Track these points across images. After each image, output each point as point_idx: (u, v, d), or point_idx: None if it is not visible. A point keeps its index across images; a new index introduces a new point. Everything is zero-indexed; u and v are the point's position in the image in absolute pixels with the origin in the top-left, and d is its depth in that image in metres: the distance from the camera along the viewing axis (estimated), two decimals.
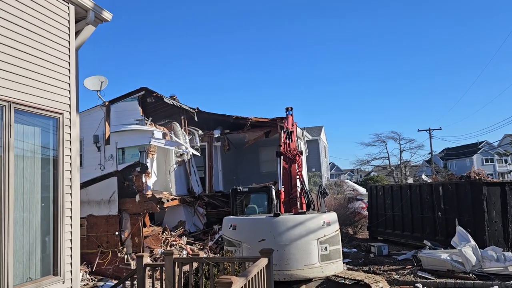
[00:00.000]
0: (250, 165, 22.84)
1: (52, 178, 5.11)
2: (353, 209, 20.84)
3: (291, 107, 14.51)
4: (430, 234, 14.61)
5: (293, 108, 14.50)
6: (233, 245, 8.94)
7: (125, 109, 15.07)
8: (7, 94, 4.46)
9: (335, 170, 62.47)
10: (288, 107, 14.50)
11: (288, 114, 14.25)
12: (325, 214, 9.31)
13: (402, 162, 40.88)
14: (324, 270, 8.79)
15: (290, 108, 14.52)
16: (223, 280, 3.60)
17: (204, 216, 17.48)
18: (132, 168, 14.32)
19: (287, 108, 14.58)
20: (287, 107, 14.51)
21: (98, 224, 14.20)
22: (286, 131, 12.62)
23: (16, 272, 4.44)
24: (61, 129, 5.22)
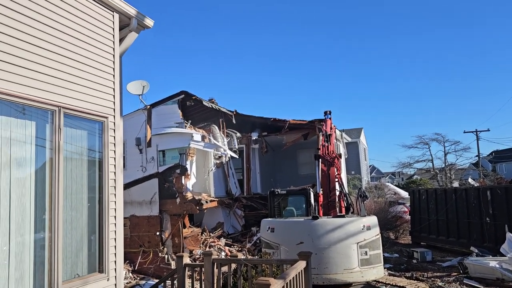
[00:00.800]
0: (288, 167, 22.77)
1: (97, 179, 5.32)
2: (395, 213, 20.26)
3: (329, 110, 14.42)
4: (477, 241, 13.95)
5: (331, 111, 14.42)
6: (271, 247, 8.94)
7: (166, 112, 15.46)
8: (57, 99, 4.70)
9: (376, 173, 61.00)
10: (327, 110, 14.41)
11: (327, 118, 14.18)
12: (365, 218, 9.13)
13: (446, 165, 39.29)
14: (364, 275, 8.61)
15: (328, 112, 14.42)
16: (261, 281, 3.61)
17: (242, 218, 17.59)
18: (172, 170, 14.65)
19: (326, 112, 14.47)
20: (325, 110, 14.43)
21: (140, 224, 14.63)
22: (325, 134, 12.53)
23: (65, 268, 4.66)
24: (106, 132, 5.43)
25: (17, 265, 4.17)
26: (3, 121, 4.16)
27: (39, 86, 4.48)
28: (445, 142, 39.58)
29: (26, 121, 4.47)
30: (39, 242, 4.44)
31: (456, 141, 40.37)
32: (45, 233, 4.49)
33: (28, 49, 4.41)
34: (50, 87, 4.62)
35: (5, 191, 4.13)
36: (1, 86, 4.07)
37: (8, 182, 4.18)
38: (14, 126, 4.33)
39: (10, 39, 4.21)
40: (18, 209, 4.25)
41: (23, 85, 4.30)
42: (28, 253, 4.31)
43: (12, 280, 4.10)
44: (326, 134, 12.51)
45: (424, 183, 35.10)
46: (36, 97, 4.44)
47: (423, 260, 14.09)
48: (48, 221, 4.51)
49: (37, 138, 4.58)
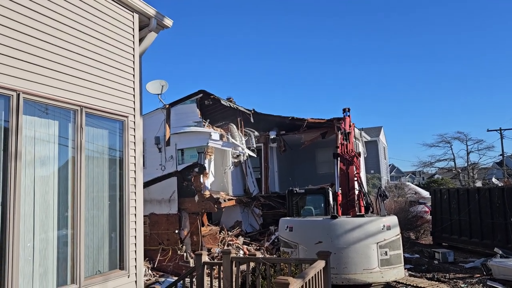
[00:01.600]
0: (306, 166, 22.67)
1: (118, 177, 5.40)
2: (415, 213, 19.93)
3: (348, 108, 14.18)
4: (501, 241, 13.61)
5: (350, 109, 14.17)
6: (290, 246, 8.92)
7: (184, 111, 15.59)
8: (79, 99, 4.79)
9: (396, 172, 60.12)
10: (346, 108, 14.18)
11: (346, 115, 13.96)
12: (385, 218, 9.01)
13: (469, 164, 38.43)
14: (384, 275, 8.51)
15: (347, 109, 14.19)
16: (280, 280, 3.60)
17: (260, 216, 17.60)
18: (190, 168, 14.76)
19: (345, 109, 14.24)
20: (344, 108, 14.21)
21: (159, 222, 14.80)
22: (343, 132, 12.36)
23: (87, 265, 4.75)
24: (126, 132, 5.50)
25: (41, 261, 4.27)
26: (27, 120, 4.26)
27: (62, 86, 4.57)
28: (468, 140, 38.70)
29: (50, 121, 4.57)
30: (62, 239, 4.54)
31: (479, 140, 39.42)
32: (68, 230, 4.58)
33: (50, 49, 4.50)
34: (72, 87, 4.71)
35: (29, 189, 4.23)
36: (25, 86, 4.17)
37: (33, 180, 4.28)
38: (38, 125, 4.43)
39: (32, 40, 4.31)
40: (41, 206, 4.34)
41: (46, 85, 4.39)
42: (51, 250, 4.41)
43: (37, 276, 4.20)
44: (345, 132, 12.31)
45: (445, 183, 34.43)
46: (59, 97, 4.53)
47: (444, 261, 13.83)
48: (70, 218, 4.60)
49: (59, 137, 4.68)
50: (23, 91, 4.14)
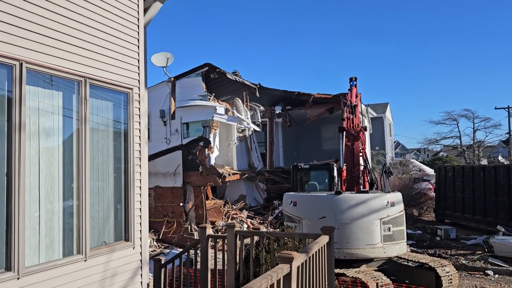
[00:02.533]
0: (311, 142, 22.61)
1: (123, 150, 5.39)
2: (419, 190, 19.98)
3: (355, 77, 13.42)
4: (504, 219, 13.66)
5: (357, 78, 13.42)
6: (293, 221, 8.97)
7: (190, 85, 15.46)
8: (83, 70, 4.72)
9: (400, 149, 59.96)
10: (352, 77, 13.40)
11: (352, 85, 13.27)
12: (389, 194, 9.01)
13: (475, 142, 38.18)
14: (386, 251, 8.57)
15: (354, 78, 13.43)
16: (284, 255, 3.61)
17: (264, 191, 17.72)
18: (195, 142, 14.78)
19: (351, 78, 13.46)
20: (351, 77, 13.42)
21: (164, 195, 14.95)
22: (350, 105, 11.98)
23: (92, 236, 4.79)
24: (131, 104, 5.45)
25: (47, 232, 4.31)
26: (31, 91, 4.21)
27: (65, 56, 4.50)
28: (475, 118, 38.33)
29: (53, 92, 4.52)
30: (68, 210, 4.57)
31: (487, 118, 39.03)
32: (73, 202, 4.60)
33: (53, 18, 4.40)
34: (76, 57, 4.63)
35: (34, 159, 4.22)
36: (28, 56, 4.10)
37: (37, 151, 4.27)
38: (42, 96, 4.38)
39: (35, 8, 4.21)
40: (47, 177, 4.35)
41: (49, 55, 4.31)
42: (57, 220, 4.45)
43: (43, 246, 4.25)
44: (351, 105, 11.87)
45: (450, 160, 34.34)
46: (62, 67, 4.46)
47: (446, 238, 13.94)
48: (76, 190, 4.62)
49: (64, 108, 4.63)
50: (26, 60, 4.07)
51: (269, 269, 5.76)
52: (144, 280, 5.41)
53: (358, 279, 7.73)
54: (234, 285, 6.05)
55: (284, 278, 3.52)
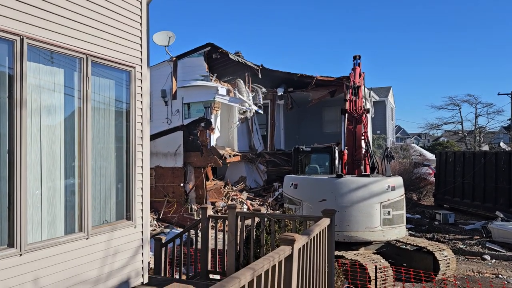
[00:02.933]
0: (312, 124, 22.55)
1: (124, 129, 5.35)
2: (419, 175, 20.04)
3: (359, 55, 12.91)
4: (503, 205, 13.73)
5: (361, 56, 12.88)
6: (294, 203, 9.01)
7: (191, 64, 15.30)
8: (85, 46, 4.64)
9: (401, 133, 59.86)
10: (356, 55, 12.92)
11: (356, 64, 12.77)
12: (390, 178, 9.03)
13: (476, 128, 38.09)
14: (385, 235, 8.64)
15: (358, 57, 12.90)
16: (286, 236, 3.62)
17: (264, 173, 17.76)
18: (197, 123, 14.73)
19: (355, 57, 12.93)
20: (355, 55, 12.95)
21: (165, 175, 14.99)
22: (353, 86, 11.53)
23: (94, 214, 4.80)
24: (133, 83, 5.38)
25: (49, 209, 4.32)
26: (32, 67, 4.15)
27: (67, 33, 4.41)
28: (477, 104, 38.16)
29: (55, 68, 4.45)
30: (70, 188, 4.56)
31: (489, 103, 38.91)
32: (75, 180, 4.59)
33: None
34: (78, 33, 4.55)
35: (36, 137, 4.19)
36: (29, 31, 4.02)
37: (39, 128, 4.24)
38: (43, 73, 4.32)
39: None
40: (48, 155, 4.33)
41: (50, 31, 4.23)
42: (59, 198, 4.45)
43: (45, 223, 4.26)
44: (354, 86, 11.45)
45: (451, 146, 34.35)
46: (64, 44, 4.38)
47: (445, 222, 14.04)
48: (77, 168, 4.60)
49: (65, 86, 4.58)
50: (27, 36, 3.99)
51: (269, 250, 5.81)
52: (145, 259, 5.45)
53: (356, 262, 7.81)
54: (235, 265, 6.11)
55: (285, 260, 3.53)
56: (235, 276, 2.61)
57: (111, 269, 4.91)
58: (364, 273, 7.62)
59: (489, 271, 9.31)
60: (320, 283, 4.77)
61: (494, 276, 8.97)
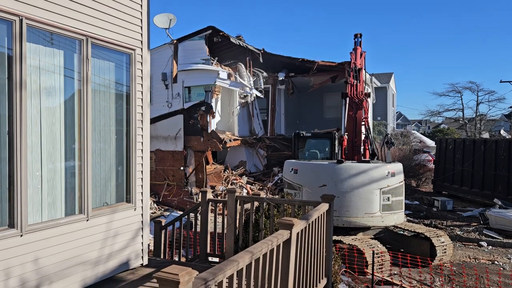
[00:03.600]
0: (313, 110, 22.49)
1: (125, 112, 5.33)
2: (419, 161, 20.10)
3: (360, 33, 12.30)
4: (502, 193, 13.80)
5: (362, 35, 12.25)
6: (294, 188, 9.05)
7: (192, 48, 15.18)
8: (85, 28, 4.59)
9: (402, 120, 59.78)
10: (357, 33, 12.31)
11: (357, 44, 12.21)
12: (390, 164, 9.05)
13: (477, 115, 38.01)
14: (384, 220, 8.71)
15: (359, 35, 12.29)
16: (284, 221, 3.64)
17: (264, 158, 17.80)
18: (197, 107, 14.70)
19: (356, 35, 12.29)
20: (356, 33, 12.32)
21: (165, 159, 15.02)
22: (354, 69, 11.18)
23: (94, 196, 4.83)
24: (133, 65, 5.34)
25: (49, 191, 4.34)
26: (31, 48, 4.12)
27: (66, 14, 4.36)
28: (479, 91, 38.00)
29: (54, 50, 4.41)
30: (70, 170, 4.58)
31: (491, 91, 38.81)
32: (75, 162, 4.60)
33: None
34: (77, 14, 4.50)
35: (36, 118, 4.19)
36: (28, 11, 3.98)
37: (39, 110, 4.22)
38: (43, 54, 4.29)
39: None
40: (48, 137, 4.33)
41: (49, 12, 4.19)
42: (59, 180, 4.46)
43: (45, 204, 4.29)
44: (355, 69, 11.09)
45: (451, 133, 34.34)
46: (63, 25, 4.34)
47: (443, 209, 14.13)
48: (77, 150, 4.61)
49: (65, 68, 4.54)
50: (26, 16, 3.95)
51: (268, 234, 5.85)
52: (145, 241, 5.51)
53: (354, 247, 7.89)
54: (233, 248, 6.17)
55: (284, 244, 3.57)
56: (233, 259, 2.64)
57: (111, 251, 4.97)
58: (362, 258, 7.71)
59: (485, 258, 9.41)
60: (317, 267, 4.82)
61: (490, 263, 9.07)
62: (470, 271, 8.19)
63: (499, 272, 8.14)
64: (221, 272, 2.39)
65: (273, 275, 3.32)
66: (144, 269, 5.37)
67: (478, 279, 7.80)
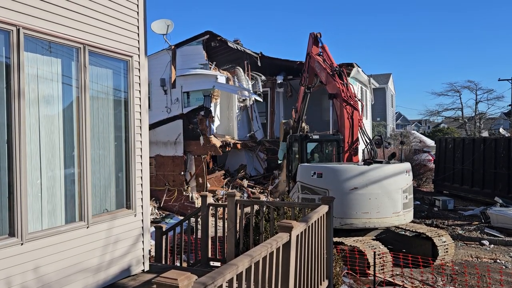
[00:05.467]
0: (312, 112, 22.48)
1: (123, 118, 5.36)
2: (419, 161, 20.10)
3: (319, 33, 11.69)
4: (502, 191, 13.79)
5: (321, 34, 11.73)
6: (316, 193, 8.81)
7: (190, 53, 15.22)
8: (82, 36, 4.62)
9: (402, 120, 59.82)
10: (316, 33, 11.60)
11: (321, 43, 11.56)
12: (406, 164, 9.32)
13: (476, 114, 38.02)
14: (405, 218, 8.98)
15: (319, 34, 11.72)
16: (284, 223, 3.66)
17: (264, 161, 17.80)
18: (196, 111, 14.72)
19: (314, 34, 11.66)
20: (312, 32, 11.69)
21: (165, 164, 15.04)
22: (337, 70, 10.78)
23: (94, 203, 4.84)
24: (131, 72, 5.37)
25: (49, 199, 4.35)
26: (29, 57, 4.14)
27: (63, 22, 4.39)
28: (478, 90, 38.02)
29: (52, 58, 4.44)
30: (69, 177, 4.59)
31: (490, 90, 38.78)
32: (75, 169, 4.62)
33: None
34: (74, 23, 4.53)
35: (35, 127, 4.21)
36: (25, 21, 4.00)
37: (37, 118, 4.25)
38: (41, 63, 4.32)
39: None
40: (47, 145, 4.35)
41: (46, 21, 4.22)
42: (59, 187, 4.48)
43: (45, 212, 4.30)
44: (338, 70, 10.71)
45: (451, 132, 34.36)
46: (61, 34, 4.37)
47: (444, 208, 14.12)
48: (77, 157, 4.63)
49: (63, 76, 4.57)
50: (23, 26, 3.98)
51: (268, 237, 5.86)
52: (145, 247, 5.51)
53: (355, 248, 7.88)
54: (234, 252, 6.17)
55: (283, 246, 3.57)
56: (233, 263, 2.65)
57: (112, 257, 4.97)
58: (363, 259, 7.69)
59: (487, 256, 9.40)
60: (318, 269, 4.83)
61: (492, 261, 9.06)
62: (472, 270, 8.18)
63: (501, 270, 8.13)
64: (220, 276, 2.40)
65: (273, 278, 3.32)
66: (146, 275, 5.37)
67: (480, 278, 7.79)
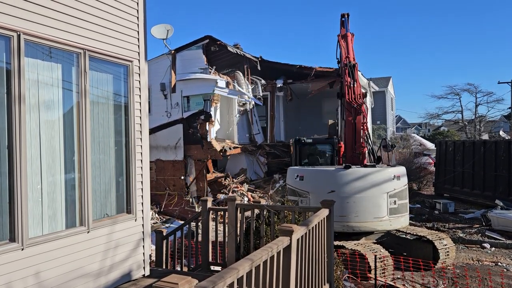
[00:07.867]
0: (312, 115, 22.54)
1: (123, 123, 5.36)
2: (419, 164, 20.08)
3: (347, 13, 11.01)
4: (503, 194, 13.77)
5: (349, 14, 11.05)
6: (299, 195, 9.00)
7: (190, 57, 15.26)
8: (82, 41, 4.64)
9: (402, 123, 59.83)
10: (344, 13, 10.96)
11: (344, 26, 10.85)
12: (394, 168, 9.19)
13: (476, 117, 38.04)
14: (392, 224, 8.80)
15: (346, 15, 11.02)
16: (284, 227, 3.66)
17: (265, 165, 17.81)
18: (196, 116, 14.74)
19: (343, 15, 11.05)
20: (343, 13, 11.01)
21: (166, 168, 15.04)
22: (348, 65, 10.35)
23: (94, 208, 4.84)
24: (131, 77, 5.39)
25: (49, 204, 4.35)
26: (30, 63, 4.16)
27: (63, 28, 4.41)
28: (477, 93, 38.06)
29: (52, 64, 4.46)
30: (70, 182, 4.59)
31: (489, 92, 38.77)
32: (75, 174, 4.62)
33: None
34: (74, 28, 4.55)
35: (35, 132, 4.22)
36: (26, 27, 4.02)
37: (38, 124, 4.26)
38: (41, 68, 4.33)
39: None
40: (48, 150, 4.35)
41: (47, 26, 4.23)
42: (59, 193, 4.48)
43: (46, 217, 4.30)
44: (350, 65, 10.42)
45: (451, 135, 34.33)
46: (61, 39, 4.38)
47: (445, 212, 14.10)
48: (77, 162, 4.63)
49: (63, 81, 4.58)
50: (24, 31, 4.00)
51: (269, 241, 5.85)
52: (146, 251, 5.51)
53: (356, 251, 7.87)
54: (235, 256, 6.16)
55: (284, 250, 3.57)
56: (233, 267, 2.65)
57: (113, 262, 4.97)
58: (364, 263, 7.68)
59: (489, 259, 9.38)
60: (319, 272, 4.82)
61: (493, 264, 9.03)
62: (473, 273, 8.16)
63: (502, 273, 8.10)
64: (221, 280, 2.40)
65: (274, 282, 3.32)
66: (146, 279, 5.36)
67: (481, 281, 7.77)
